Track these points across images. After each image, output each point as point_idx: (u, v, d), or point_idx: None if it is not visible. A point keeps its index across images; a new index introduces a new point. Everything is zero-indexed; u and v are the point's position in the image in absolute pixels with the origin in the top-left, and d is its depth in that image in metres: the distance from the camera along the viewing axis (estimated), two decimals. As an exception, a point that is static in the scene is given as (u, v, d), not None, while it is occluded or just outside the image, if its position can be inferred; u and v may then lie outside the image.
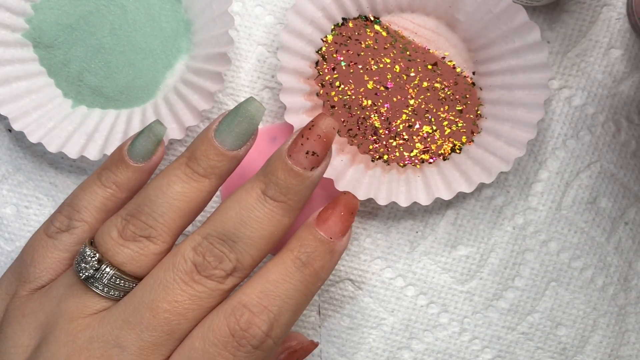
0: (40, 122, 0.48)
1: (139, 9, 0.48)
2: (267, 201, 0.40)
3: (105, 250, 0.40)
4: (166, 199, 0.40)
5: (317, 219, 0.42)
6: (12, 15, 0.48)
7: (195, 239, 0.40)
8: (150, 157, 0.43)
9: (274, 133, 0.50)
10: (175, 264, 0.40)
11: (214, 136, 0.41)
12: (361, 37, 0.48)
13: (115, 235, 0.40)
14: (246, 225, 0.40)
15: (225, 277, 0.40)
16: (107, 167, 0.43)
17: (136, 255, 0.40)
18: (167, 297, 0.39)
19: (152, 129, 0.43)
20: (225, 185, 0.50)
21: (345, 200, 0.42)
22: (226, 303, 0.40)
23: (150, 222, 0.40)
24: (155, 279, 0.40)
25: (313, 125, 0.41)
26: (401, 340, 0.51)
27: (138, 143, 0.42)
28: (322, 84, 0.48)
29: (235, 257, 0.40)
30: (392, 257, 0.51)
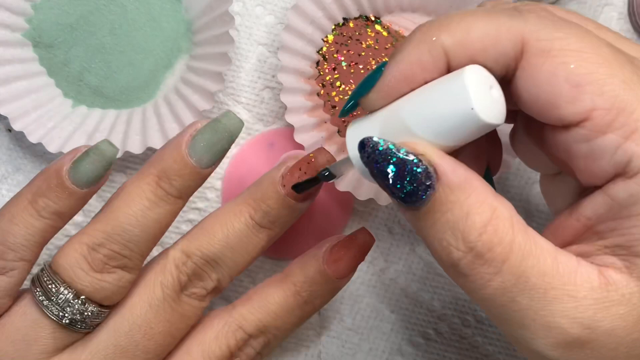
0: (40, 122, 0.48)
1: (139, 9, 0.48)
2: (256, 228, 0.40)
3: (82, 288, 0.38)
4: (141, 227, 0.38)
5: (329, 257, 0.41)
6: (12, 15, 0.48)
7: (179, 256, 0.40)
8: (98, 182, 0.38)
9: (272, 138, 0.50)
10: (164, 282, 0.39)
11: (189, 154, 0.38)
12: (362, 37, 0.48)
13: (87, 267, 0.38)
14: (232, 250, 0.40)
15: (206, 296, 0.40)
16: (42, 193, 0.38)
17: (115, 288, 0.38)
18: (159, 318, 0.39)
19: (102, 152, 0.38)
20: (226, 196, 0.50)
21: (362, 241, 0.42)
22: (227, 324, 0.40)
23: (125, 253, 0.38)
24: (143, 298, 0.39)
25: (312, 160, 0.40)
26: (401, 341, 0.51)
27: (84, 167, 0.38)
28: (323, 84, 0.48)
29: (216, 278, 0.40)
30: (392, 257, 0.51)
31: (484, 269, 0.31)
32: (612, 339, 0.31)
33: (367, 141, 0.32)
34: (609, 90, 0.31)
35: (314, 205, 0.49)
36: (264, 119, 0.50)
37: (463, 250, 0.31)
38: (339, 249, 0.41)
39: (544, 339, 0.31)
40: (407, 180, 0.31)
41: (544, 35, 0.32)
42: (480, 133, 0.32)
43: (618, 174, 0.31)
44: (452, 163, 0.32)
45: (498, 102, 0.32)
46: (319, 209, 0.49)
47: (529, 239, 0.31)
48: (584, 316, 0.31)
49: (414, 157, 0.31)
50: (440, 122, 0.32)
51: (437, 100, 0.32)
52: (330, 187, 0.48)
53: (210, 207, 0.50)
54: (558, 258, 0.32)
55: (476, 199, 0.31)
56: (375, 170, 0.32)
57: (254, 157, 0.50)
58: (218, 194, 0.50)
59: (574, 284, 0.31)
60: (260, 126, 0.50)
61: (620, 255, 0.32)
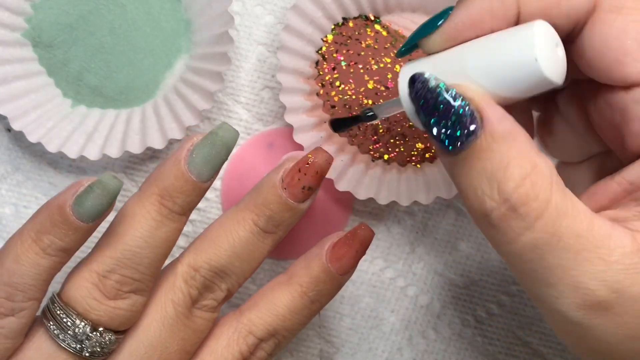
0: (39, 122, 0.48)
1: (138, 9, 0.48)
2: (260, 234, 0.40)
3: (98, 318, 0.37)
4: (150, 249, 0.38)
5: (332, 254, 0.41)
6: (12, 15, 0.48)
7: (187, 271, 0.40)
8: (102, 214, 0.37)
9: (271, 139, 0.50)
10: (175, 299, 0.39)
11: (189, 170, 0.38)
12: (361, 37, 0.48)
13: (99, 296, 0.37)
14: (239, 259, 0.40)
15: (217, 306, 0.40)
16: (46, 230, 0.37)
17: (130, 314, 0.38)
18: (174, 337, 0.39)
19: (105, 186, 0.37)
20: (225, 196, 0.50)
21: (363, 236, 0.41)
22: (237, 330, 0.40)
23: (137, 276, 0.38)
24: (156, 317, 0.39)
25: (311, 160, 0.40)
26: (401, 341, 0.51)
27: (88, 203, 0.36)
28: (322, 84, 0.48)
29: (226, 288, 0.40)
30: (392, 257, 0.51)
31: (516, 223, 0.31)
32: (637, 305, 0.31)
33: (419, 77, 0.32)
34: None
35: (314, 205, 0.49)
36: (264, 119, 0.50)
37: (497, 201, 0.31)
38: (341, 246, 0.41)
39: (569, 298, 0.31)
40: (451, 122, 0.31)
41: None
42: (537, 88, 0.32)
43: None
44: (499, 112, 0.31)
45: (561, 61, 0.32)
46: (319, 209, 0.49)
47: (566, 199, 0.31)
48: (613, 280, 0.30)
49: (462, 99, 0.31)
50: (500, 71, 0.32)
51: (501, 48, 0.32)
52: (330, 187, 0.48)
53: (210, 207, 0.50)
54: (594, 221, 0.31)
55: (518, 152, 0.31)
56: (421, 107, 0.31)
57: (253, 157, 0.50)
58: (217, 194, 0.50)
59: (607, 248, 0.31)
60: (259, 126, 0.50)
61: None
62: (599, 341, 0.32)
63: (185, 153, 0.38)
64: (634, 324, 0.31)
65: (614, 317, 0.31)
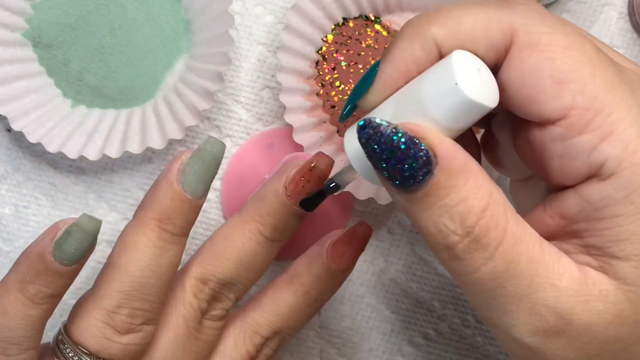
0: (39, 122, 0.48)
1: (138, 9, 0.48)
2: (266, 243, 0.40)
3: (111, 358, 0.37)
4: (157, 277, 0.38)
5: (332, 252, 0.41)
6: (12, 15, 0.48)
7: (195, 284, 0.40)
8: (85, 256, 0.37)
9: (271, 139, 0.50)
10: (185, 315, 0.39)
11: (184, 189, 0.38)
12: (362, 37, 0.48)
13: (111, 333, 0.37)
14: (247, 270, 0.40)
15: (226, 315, 0.41)
16: (30, 280, 0.36)
17: (142, 348, 0.38)
18: (187, 351, 0.39)
19: (83, 229, 0.36)
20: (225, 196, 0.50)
21: (362, 233, 0.42)
22: (242, 331, 0.41)
23: (147, 307, 0.38)
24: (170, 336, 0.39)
25: (314, 167, 0.40)
26: (402, 341, 0.51)
27: (68, 248, 0.36)
28: (322, 84, 0.48)
29: (234, 297, 0.41)
30: (392, 258, 0.51)
31: (479, 254, 0.31)
32: (588, 333, 0.31)
33: (369, 122, 0.32)
34: (590, 90, 0.31)
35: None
36: (263, 119, 0.50)
37: (460, 235, 0.31)
38: (341, 245, 0.41)
39: (524, 325, 0.32)
40: (407, 163, 0.31)
41: (533, 28, 0.32)
42: (472, 113, 0.32)
43: (592, 175, 0.32)
44: (451, 146, 0.32)
45: (488, 84, 0.33)
46: (319, 210, 0.49)
47: (519, 224, 0.32)
48: (563, 307, 0.31)
49: (415, 139, 0.31)
50: (433, 105, 0.32)
51: (428, 84, 0.33)
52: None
53: (210, 208, 0.50)
54: (544, 246, 0.32)
55: (475, 184, 0.31)
56: (373, 152, 0.32)
57: (253, 157, 0.49)
58: (217, 194, 0.50)
59: (557, 273, 0.31)
60: (259, 126, 0.50)
61: (595, 255, 0.32)
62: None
63: (176, 173, 0.38)
64: (586, 348, 0.32)
65: (565, 341, 0.32)
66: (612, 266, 0.32)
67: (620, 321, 0.31)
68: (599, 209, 0.31)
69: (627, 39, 0.50)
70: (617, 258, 0.31)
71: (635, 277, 0.31)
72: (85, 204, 0.50)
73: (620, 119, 0.31)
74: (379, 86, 0.34)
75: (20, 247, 0.50)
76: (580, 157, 0.31)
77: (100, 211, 0.50)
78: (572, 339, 0.32)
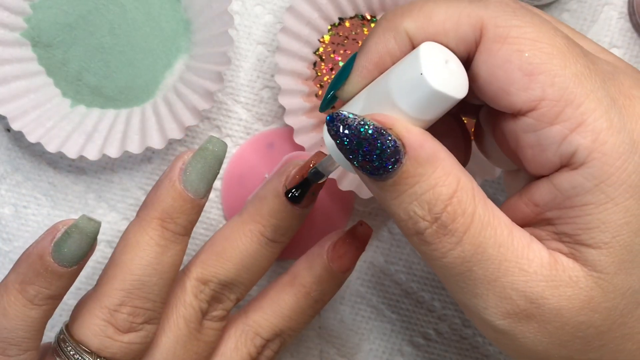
0: (39, 122, 0.48)
1: (138, 9, 0.48)
2: (267, 244, 0.40)
3: (112, 355, 0.37)
4: (159, 275, 0.38)
5: (333, 253, 0.41)
6: (11, 15, 0.48)
7: (196, 285, 0.40)
8: (85, 256, 0.37)
9: (271, 138, 0.50)
10: (186, 316, 0.40)
11: (186, 188, 0.38)
12: (358, 37, 0.48)
13: (112, 332, 0.37)
14: (248, 271, 0.40)
15: (227, 315, 0.41)
16: (30, 281, 0.36)
17: (144, 347, 0.38)
18: (187, 352, 0.39)
19: (82, 230, 0.36)
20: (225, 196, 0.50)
21: (362, 234, 0.42)
22: (244, 332, 0.41)
23: (149, 305, 0.38)
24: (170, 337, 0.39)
25: (312, 165, 0.40)
26: (402, 341, 0.51)
27: (67, 248, 0.36)
28: (321, 85, 0.48)
29: (235, 297, 0.41)
30: (392, 258, 0.51)
31: (447, 239, 0.32)
32: (558, 318, 0.32)
33: (336, 115, 0.33)
34: (559, 82, 0.31)
35: (315, 206, 0.49)
36: (263, 119, 0.50)
37: (429, 221, 0.32)
38: (342, 245, 0.42)
39: (494, 308, 0.32)
40: (375, 154, 0.32)
41: (502, 22, 0.32)
42: (440, 104, 0.33)
43: (563, 164, 0.32)
44: (419, 136, 0.32)
45: (456, 75, 0.33)
46: (320, 209, 0.49)
47: (487, 210, 0.33)
48: (532, 291, 0.32)
49: (382, 129, 0.32)
50: (401, 96, 0.33)
51: (397, 73, 0.33)
52: (331, 187, 0.48)
53: (210, 207, 0.50)
54: (513, 231, 0.33)
55: (442, 171, 0.32)
56: (342, 143, 0.32)
57: (253, 157, 0.49)
58: (217, 194, 0.50)
59: (527, 258, 0.32)
60: (259, 126, 0.50)
61: (566, 242, 0.33)
62: (527, 348, 0.33)
63: (178, 172, 0.38)
64: (558, 333, 0.32)
65: (537, 325, 0.32)
66: (582, 253, 0.32)
67: (591, 307, 0.32)
68: (570, 197, 0.32)
69: (627, 38, 0.50)
70: (587, 246, 0.32)
71: (605, 265, 0.32)
72: (84, 203, 0.50)
73: (591, 109, 0.31)
74: (355, 78, 0.35)
75: (20, 247, 0.50)
76: (551, 148, 0.32)
77: (100, 211, 0.50)
78: (543, 323, 0.32)
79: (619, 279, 0.32)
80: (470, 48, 0.33)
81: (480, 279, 0.32)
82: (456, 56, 0.34)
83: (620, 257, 0.32)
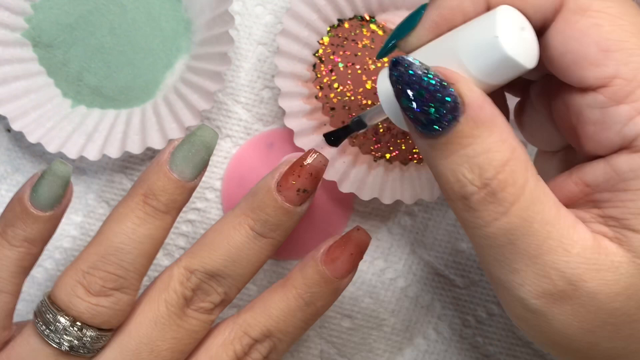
0: (39, 122, 0.48)
1: (138, 9, 0.48)
2: (257, 238, 0.40)
3: (79, 314, 0.38)
4: (134, 244, 0.38)
5: (326, 256, 0.41)
6: (12, 15, 0.48)
7: (183, 273, 0.40)
8: (60, 201, 0.39)
9: (271, 139, 0.50)
10: (168, 299, 0.40)
11: (171, 169, 0.39)
12: (357, 37, 0.48)
13: (82, 292, 0.38)
14: (235, 263, 0.40)
15: (214, 309, 0.40)
16: (9, 223, 0.39)
17: (112, 312, 0.38)
18: (166, 335, 0.39)
19: (54, 172, 0.39)
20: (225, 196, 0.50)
21: (358, 239, 0.41)
22: (232, 331, 0.41)
23: (120, 272, 0.38)
24: (149, 315, 0.39)
25: (304, 162, 0.40)
26: (402, 341, 0.51)
27: (42, 190, 0.39)
28: (321, 87, 0.48)
29: (223, 291, 0.41)
30: (392, 258, 0.51)
31: (493, 207, 0.31)
32: (594, 302, 0.32)
33: (401, 60, 0.32)
34: (635, 62, 0.31)
35: (314, 206, 0.49)
36: (263, 119, 0.50)
37: (478, 186, 0.31)
38: (335, 249, 0.41)
39: (531, 286, 0.32)
40: (433, 106, 0.31)
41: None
42: (508, 70, 0.32)
43: (624, 146, 0.32)
44: (480, 98, 0.32)
45: (529, 44, 0.32)
46: (319, 210, 0.49)
47: (539, 186, 0.32)
48: (573, 272, 0.31)
49: (445, 82, 0.31)
50: (474, 55, 0.32)
51: (469, 33, 0.32)
52: (330, 187, 0.48)
53: (210, 208, 0.50)
54: (561, 211, 0.32)
55: (499, 137, 0.31)
56: (402, 90, 0.32)
57: (253, 157, 0.49)
58: (217, 194, 0.50)
59: (571, 239, 0.32)
60: (259, 126, 0.50)
61: (612, 226, 0.32)
62: (554, 331, 0.33)
63: (167, 155, 0.39)
64: (590, 317, 0.32)
65: (570, 308, 0.32)
66: (628, 238, 0.32)
67: (628, 294, 0.32)
68: (626, 180, 0.32)
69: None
70: (634, 231, 0.32)
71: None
72: (85, 203, 0.50)
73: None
74: (421, 30, 0.34)
75: (21, 246, 0.50)
76: (615, 127, 0.32)
77: (101, 211, 0.50)
78: (577, 306, 0.32)
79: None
80: (547, 16, 0.33)
81: (521, 254, 0.32)
82: (531, 24, 0.33)
83: None
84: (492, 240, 0.32)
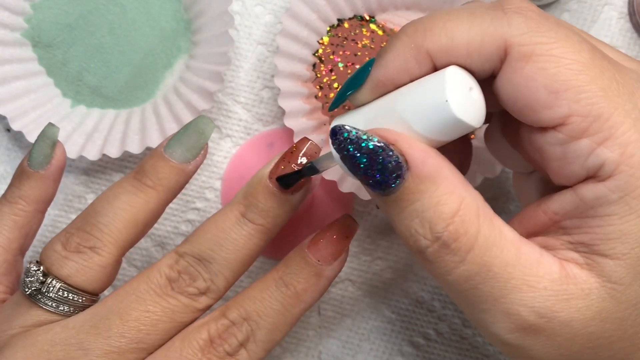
0: (39, 122, 0.48)
1: (138, 9, 0.48)
2: (245, 223, 0.40)
3: (50, 265, 0.39)
4: (111, 209, 0.40)
5: (310, 241, 0.41)
6: (11, 15, 0.48)
7: (172, 256, 0.40)
8: (49, 161, 0.42)
9: (271, 139, 0.50)
10: (150, 277, 0.40)
11: (164, 150, 0.40)
12: (357, 37, 0.48)
13: (59, 248, 0.39)
14: (222, 247, 0.40)
15: (199, 295, 0.40)
16: (11, 184, 0.42)
17: (80, 267, 0.39)
18: (139, 307, 0.39)
19: (44, 133, 0.42)
20: (225, 196, 0.50)
21: (340, 224, 0.41)
22: (212, 315, 0.41)
23: (95, 233, 0.39)
24: (128, 290, 0.40)
25: (295, 149, 0.40)
26: (402, 341, 0.51)
27: (34, 150, 0.42)
28: (321, 86, 0.48)
29: (209, 277, 0.40)
30: (392, 258, 0.51)
31: (449, 258, 0.32)
32: (569, 329, 0.32)
33: (339, 128, 0.33)
34: (586, 98, 0.31)
35: (314, 206, 0.49)
36: (263, 119, 0.50)
37: (430, 239, 0.32)
38: (319, 233, 0.41)
39: (502, 323, 0.33)
40: (378, 169, 0.32)
41: (526, 40, 0.32)
42: (455, 130, 0.33)
43: (589, 176, 0.32)
44: (422, 152, 0.32)
45: (477, 104, 0.33)
46: (319, 210, 0.49)
47: (494, 229, 0.33)
48: (542, 305, 0.32)
49: (385, 145, 0.32)
50: (421, 114, 0.33)
51: (419, 93, 0.33)
52: (330, 187, 0.48)
53: (210, 207, 0.50)
54: (521, 249, 0.33)
55: (445, 190, 0.32)
56: (346, 157, 0.33)
57: (253, 157, 0.49)
58: (217, 194, 0.50)
59: (535, 275, 0.32)
60: (259, 126, 0.50)
61: (582, 252, 0.33)
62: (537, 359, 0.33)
63: (164, 142, 0.40)
64: (567, 344, 0.33)
65: (546, 338, 0.33)
66: (598, 264, 0.32)
67: (602, 318, 0.32)
68: (593, 207, 0.32)
69: (627, 39, 0.50)
70: (604, 256, 0.32)
71: (621, 275, 0.32)
72: (85, 204, 0.50)
73: (619, 122, 0.31)
74: (368, 89, 0.35)
75: (20, 247, 0.50)
76: (578, 161, 0.32)
77: (100, 211, 0.50)
78: (553, 336, 0.32)
79: (632, 290, 0.32)
80: (494, 66, 0.33)
81: (486, 296, 0.32)
82: (479, 78, 0.33)
83: (636, 268, 0.32)
84: (456, 287, 0.33)
